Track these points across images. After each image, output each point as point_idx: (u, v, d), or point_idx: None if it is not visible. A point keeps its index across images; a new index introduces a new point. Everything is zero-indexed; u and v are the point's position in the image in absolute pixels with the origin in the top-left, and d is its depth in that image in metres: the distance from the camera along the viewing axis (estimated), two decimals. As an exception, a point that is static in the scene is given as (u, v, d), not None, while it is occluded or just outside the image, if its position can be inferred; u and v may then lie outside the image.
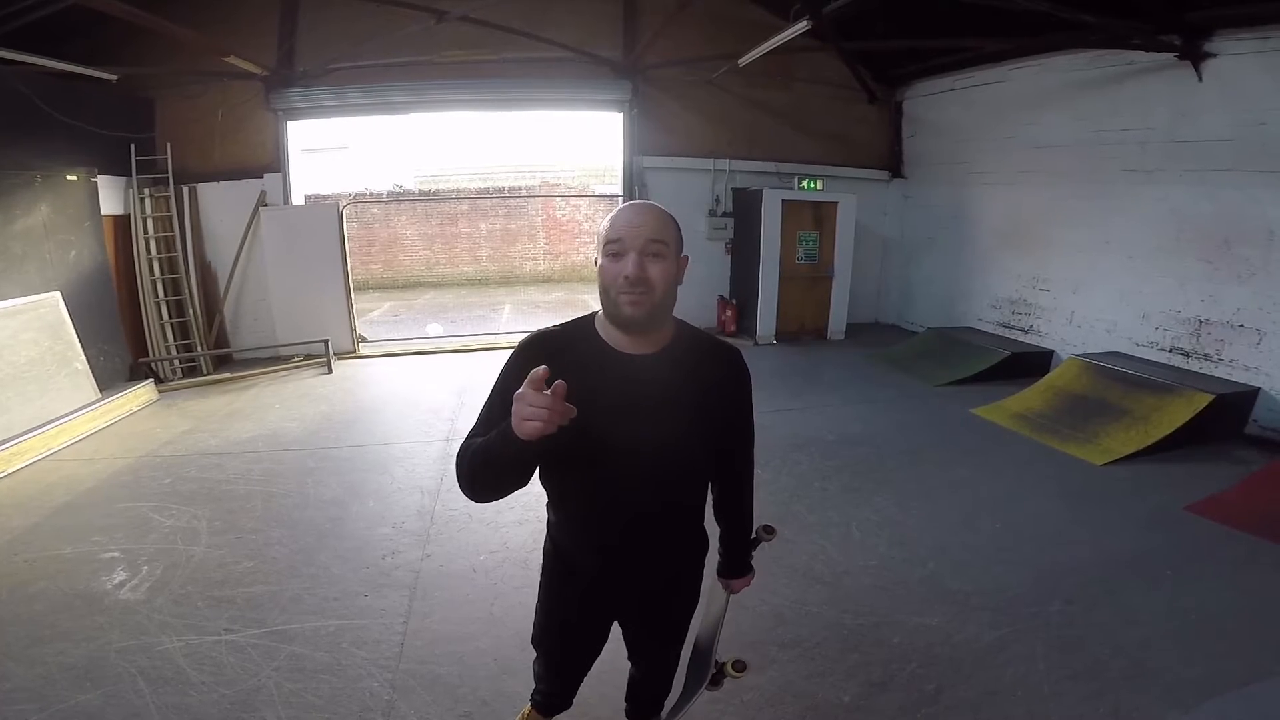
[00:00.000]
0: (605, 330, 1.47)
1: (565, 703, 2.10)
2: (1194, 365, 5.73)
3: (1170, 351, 5.95)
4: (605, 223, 1.41)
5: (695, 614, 1.87)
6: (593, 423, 1.40)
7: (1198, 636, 2.81)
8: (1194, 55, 5.48)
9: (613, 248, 1.36)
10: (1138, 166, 6.15)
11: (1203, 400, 4.92)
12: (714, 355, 1.55)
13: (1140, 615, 2.97)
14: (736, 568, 1.86)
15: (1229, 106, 5.37)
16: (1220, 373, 5.52)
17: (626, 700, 2.12)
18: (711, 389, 1.51)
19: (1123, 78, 6.21)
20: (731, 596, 1.94)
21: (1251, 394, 5.20)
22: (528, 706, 2.17)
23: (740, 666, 1.82)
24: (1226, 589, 3.16)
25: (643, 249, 1.34)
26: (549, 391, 1.15)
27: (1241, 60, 5.26)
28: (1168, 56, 5.64)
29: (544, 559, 1.77)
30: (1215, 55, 5.41)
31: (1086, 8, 5.58)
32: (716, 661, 1.88)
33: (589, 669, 1.96)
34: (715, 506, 1.80)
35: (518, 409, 1.17)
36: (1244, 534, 3.66)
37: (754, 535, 1.88)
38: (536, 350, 1.45)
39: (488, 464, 1.35)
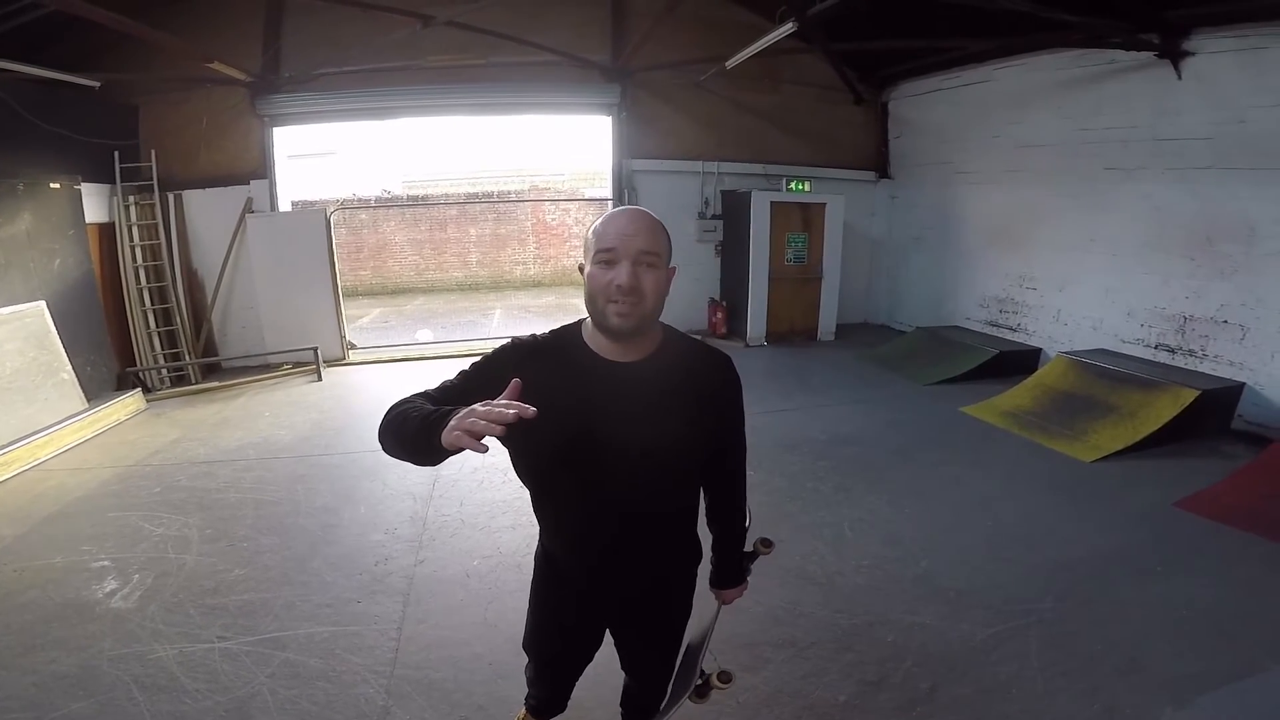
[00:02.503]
0: (592, 338, 1.45)
1: (559, 706, 2.10)
2: (1179, 361, 5.79)
3: (1156, 348, 6.01)
4: (595, 229, 1.37)
5: (689, 622, 1.86)
6: (579, 430, 1.42)
7: (1190, 632, 2.84)
8: (1173, 54, 5.55)
9: (604, 256, 1.33)
10: (1120, 165, 6.22)
11: (1189, 396, 4.97)
12: (702, 361, 1.53)
13: (1132, 611, 3.00)
14: (728, 577, 1.84)
15: (1208, 104, 5.43)
16: (1205, 368, 5.57)
17: (621, 706, 2.12)
18: (699, 395, 1.49)
19: (1104, 77, 6.27)
20: (723, 607, 1.92)
21: (1236, 389, 5.26)
22: (522, 710, 2.16)
23: (726, 678, 1.78)
24: (1217, 584, 3.19)
25: (635, 259, 1.32)
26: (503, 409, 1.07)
27: (1219, 58, 5.33)
28: (1148, 55, 5.71)
29: (535, 564, 1.77)
30: (1194, 54, 5.48)
31: (1067, 7, 5.64)
32: (702, 671, 1.85)
33: (580, 673, 1.96)
34: (708, 514, 1.79)
35: (462, 420, 1.10)
36: (1233, 529, 3.69)
37: (751, 548, 1.87)
38: (521, 353, 1.44)
39: (404, 433, 1.33)
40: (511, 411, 1.06)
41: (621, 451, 1.42)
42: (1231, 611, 2.97)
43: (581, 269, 1.40)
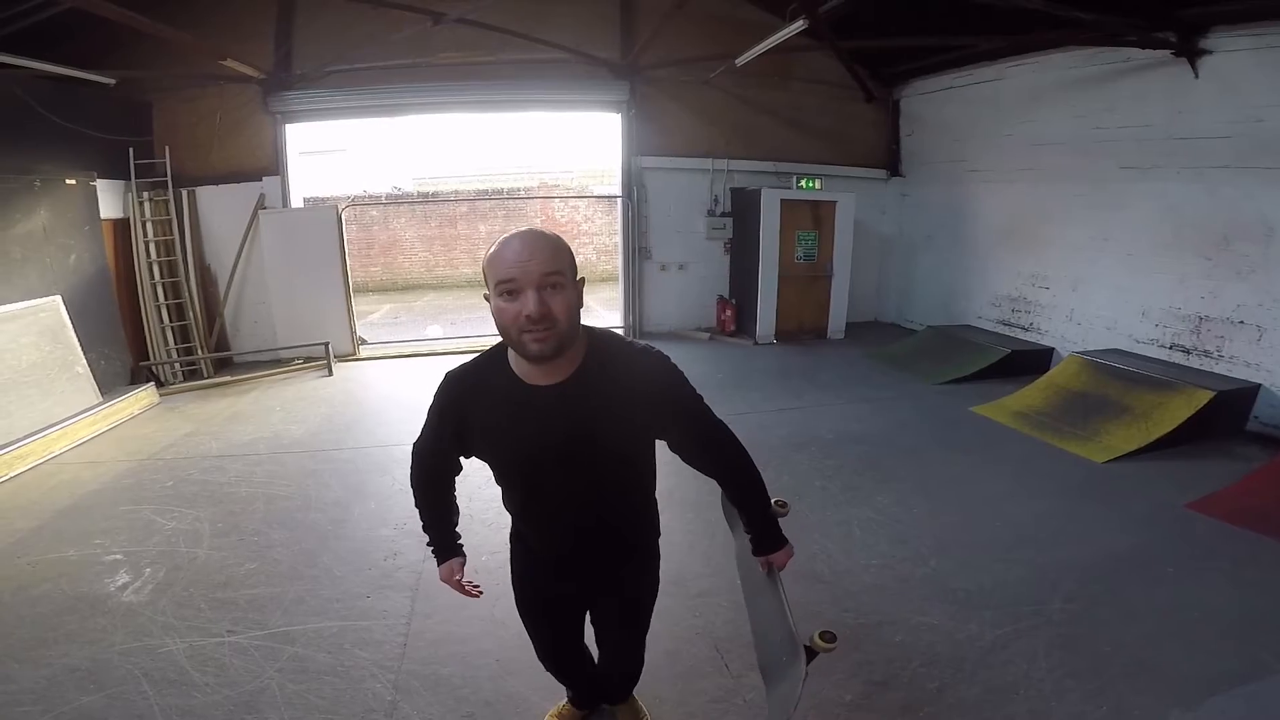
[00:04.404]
0: (516, 361, 1.46)
1: (585, 676, 2.19)
2: (1194, 362, 5.73)
3: (1170, 348, 5.95)
4: (490, 257, 1.33)
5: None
6: (516, 457, 1.53)
7: (1199, 634, 2.81)
8: (1190, 52, 5.49)
9: (506, 287, 1.30)
10: (1135, 163, 6.15)
11: (1203, 397, 4.92)
12: (632, 367, 1.50)
13: (1141, 613, 2.97)
14: (767, 543, 1.76)
15: (1226, 103, 5.37)
16: (1221, 369, 5.52)
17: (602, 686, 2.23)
18: (634, 402, 1.48)
19: (1119, 75, 6.21)
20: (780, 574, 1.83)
21: (1252, 390, 5.20)
22: (563, 701, 2.32)
23: (830, 637, 1.65)
24: (1228, 586, 3.16)
25: (539, 284, 1.29)
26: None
27: (1237, 57, 5.26)
28: (1164, 53, 5.65)
29: (510, 542, 1.89)
30: (1211, 52, 5.42)
31: (1081, 5, 5.59)
32: (805, 647, 1.70)
33: (575, 639, 2.05)
34: (724, 494, 1.80)
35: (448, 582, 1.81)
36: (1245, 531, 3.66)
37: None
38: (453, 393, 1.54)
39: (422, 520, 1.84)
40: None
41: (559, 472, 1.50)
42: (1242, 614, 2.94)
43: (487, 298, 1.37)
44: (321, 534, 3.80)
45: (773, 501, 1.83)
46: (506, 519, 1.84)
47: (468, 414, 1.53)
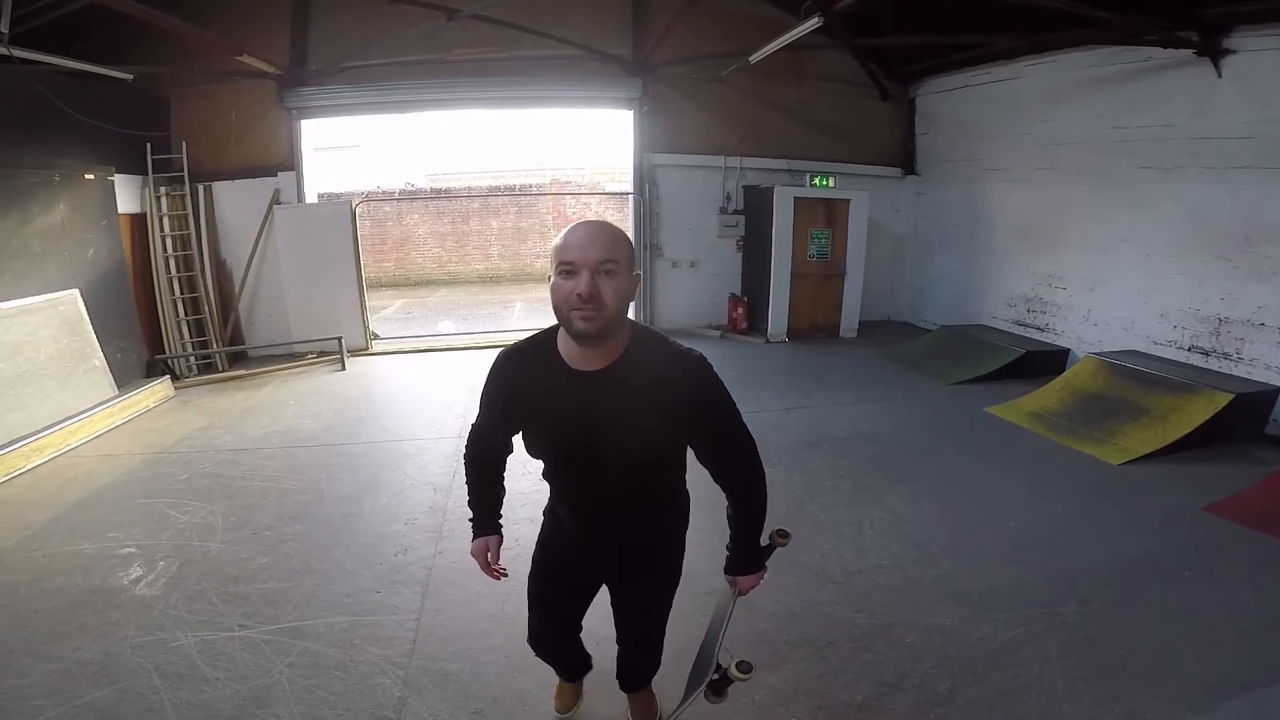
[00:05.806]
0: (564, 344, 1.54)
1: (578, 657, 2.27)
2: (1213, 364, 5.65)
3: (1189, 350, 5.88)
4: (558, 240, 1.44)
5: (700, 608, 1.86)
6: (551, 436, 1.62)
7: (1214, 638, 2.77)
8: (1212, 52, 5.41)
9: (565, 268, 1.40)
10: (1156, 163, 6.07)
11: (1222, 399, 4.85)
12: (668, 366, 1.54)
13: (1156, 616, 2.94)
14: (742, 565, 1.81)
15: (1250, 103, 5.28)
16: (1240, 372, 5.44)
17: (617, 676, 2.24)
18: (665, 399, 1.51)
19: (1140, 74, 6.13)
20: (740, 597, 1.90)
21: (1272, 393, 5.11)
22: (558, 683, 2.36)
23: (745, 668, 1.69)
24: (1244, 590, 3.12)
25: (595, 268, 1.38)
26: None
27: (1261, 57, 5.18)
28: (1186, 53, 5.57)
29: (544, 517, 1.98)
30: (1234, 52, 5.34)
31: (1103, 4, 5.52)
32: (719, 665, 1.78)
33: (576, 625, 2.12)
34: (727, 506, 1.80)
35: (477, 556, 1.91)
36: (1263, 535, 3.60)
37: (767, 540, 1.85)
38: (504, 370, 1.64)
39: (468, 494, 1.91)
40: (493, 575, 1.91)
41: (588, 456, 1.57)
42: (1259, 618, 2.90)
43: (550, 279, 1.46)
44: (333, 529, 3.82)
45: (775, 531, 1.88)
46: (518, 515, 1.85)
47: (513, 390, 1.62)
